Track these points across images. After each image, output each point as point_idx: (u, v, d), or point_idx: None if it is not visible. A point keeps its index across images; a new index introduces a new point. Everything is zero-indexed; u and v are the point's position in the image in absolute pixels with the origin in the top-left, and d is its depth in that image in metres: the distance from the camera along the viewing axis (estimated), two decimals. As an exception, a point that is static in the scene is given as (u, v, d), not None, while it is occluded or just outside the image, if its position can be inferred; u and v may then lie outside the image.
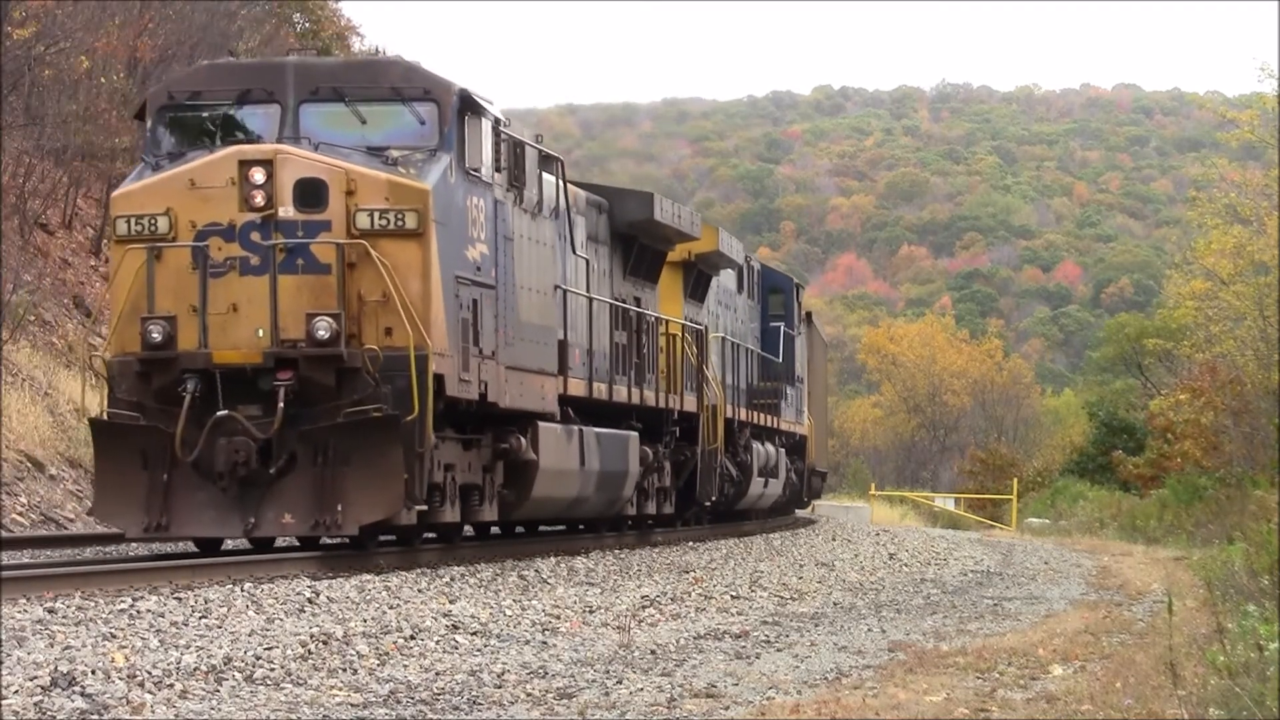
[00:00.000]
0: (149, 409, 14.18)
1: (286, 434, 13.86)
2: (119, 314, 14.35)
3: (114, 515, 14.58)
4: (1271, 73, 31.32)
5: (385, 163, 14.44)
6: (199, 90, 15.01)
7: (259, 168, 14.01)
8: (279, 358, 13.89)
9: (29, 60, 26.35)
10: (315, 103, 14.69)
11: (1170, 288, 40.30)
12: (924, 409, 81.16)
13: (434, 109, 14.76)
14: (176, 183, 14.24)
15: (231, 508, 14.02)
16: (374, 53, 49.34)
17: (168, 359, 14.01)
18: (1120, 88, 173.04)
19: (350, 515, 13.94)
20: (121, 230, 14.40)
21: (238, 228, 14.07)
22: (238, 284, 14.06)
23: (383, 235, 14.04)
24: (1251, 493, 28.21)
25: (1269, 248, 31.44)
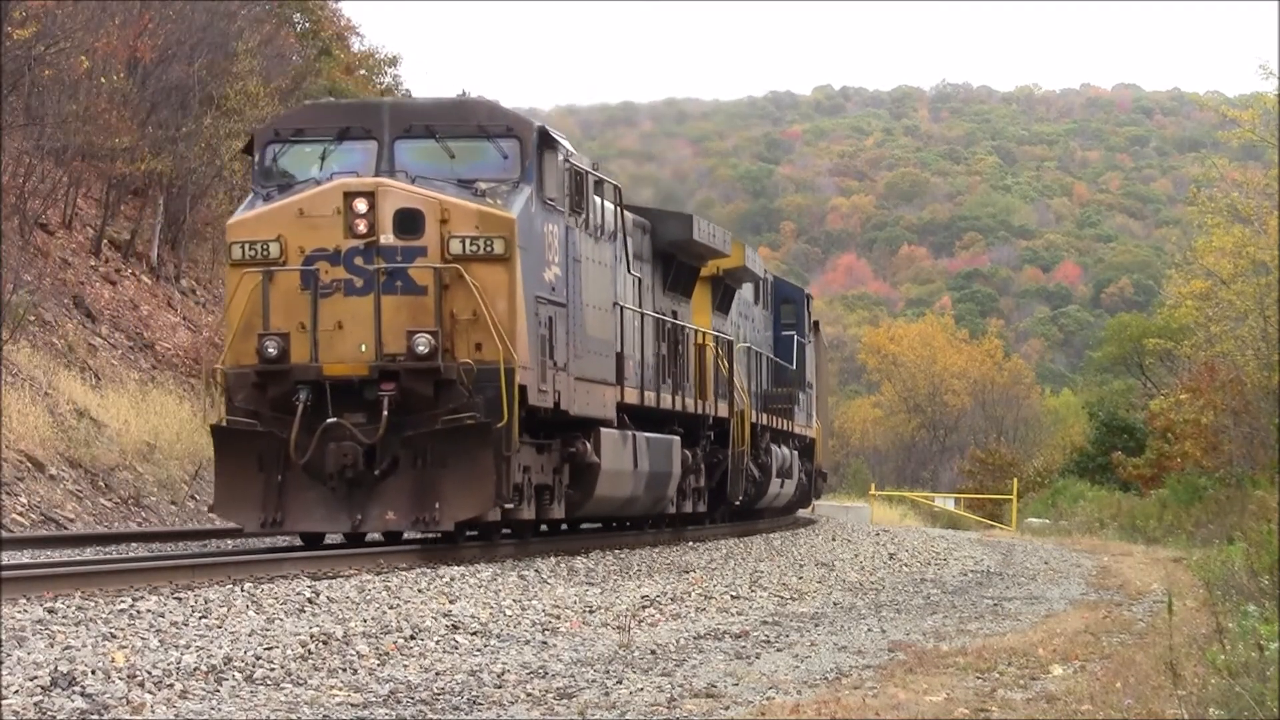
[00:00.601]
0: (264, 416, 15.61)
1: (389, 439, 15.31)
2: (234, 331, 15.84)
3: (233, 512, 16.05)
4: (1272, 72, 31.34)
5: (474, 194, 15.93)
6: (303, 128, 16.57)
7: (362, 199, 15.47)
8: (383, 371, 15.37)
9: (29, 60, 26.34)
10: (409, 139, 16.16)
11: (1170, 288, 40.26)
12: (924, 409, 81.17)
13: (516, 145, 16.29)
14: (287, 212, 15.72)
15: (340, 506, 15.46)
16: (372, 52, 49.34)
17: (282, 371, 15.46)
18: (1120, 88, 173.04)
19: (447, 512, 15.41)
20: (236, 255, 15.84)
21: (343, 253, 15.56)
22: (343, 304, 15.52)
23: (473, 260, 15.55)
24: (1251, 493, 28.22)
25: (1269, 247, 31.44)
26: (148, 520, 21.67)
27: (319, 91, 40.83)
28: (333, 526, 15.89)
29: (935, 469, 78.45)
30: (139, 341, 28.20)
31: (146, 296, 30.35)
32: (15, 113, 27.08)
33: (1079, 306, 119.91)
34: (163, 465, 23.69)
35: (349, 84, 43.15)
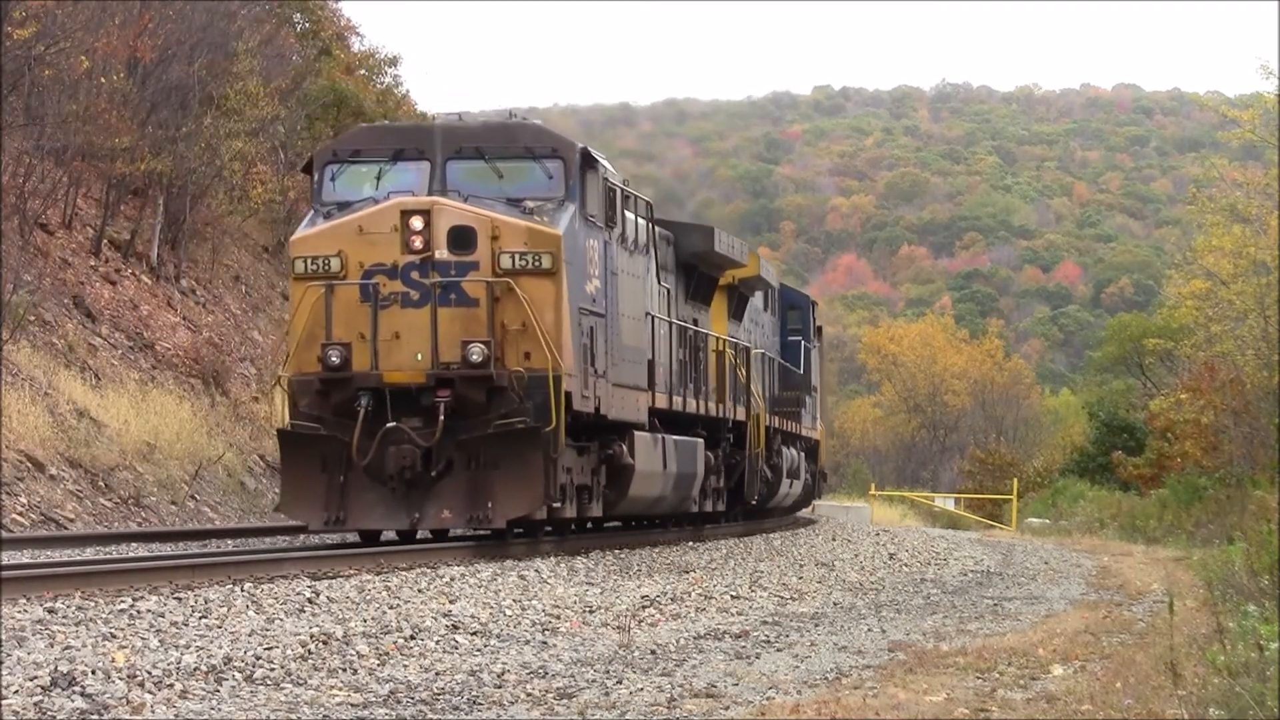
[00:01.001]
0: (327, 421, 16.54)
1: (445, 443, 16.28)
2: (298, 340, 16.83)
3: (298, 511, 17.00)
4: (1272, 72, 31.31)
5: (523, 212, 16.93)
6: (359, 149, 17.55)
7: (418, 216, 16.45)
8: (439, 378, 16.32)
9: (29, 60, 26.33)
10: (459, 160, 17.16)
11: (1170, 287, 40.26)
12: (924, 409, 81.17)
13: (560, 165, 17.32)
14: (347, 229, 16.70)
15: (399, 505, 16.45)
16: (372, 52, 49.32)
17: (345, 379, 16.40)
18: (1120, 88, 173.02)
19: (499, 511, 16.43)
20: (299, 269, 16.83)
21: (400, 267, 16.53)
22: (400, 315, 16.51)
23: (522, 273, 16.55)
24: (1251, 493, 28.21)
25: (1269, 247, 31.42)
26: (148, 520, 21.67)
27: (319, 91, 40.86)
28: (392, 524, 16.90)
29: (935, 469, 78.43)
30: (139, 341, 28.20)
31: (146, 296, 30.34)
32: (15, 113, 27.07)
33: (1079, 306, 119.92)
34: (163, 465, 23.69)
35: (349, 84, 43.15)
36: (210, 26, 32.73)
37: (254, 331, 34.44)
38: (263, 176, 37.81)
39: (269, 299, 37.58)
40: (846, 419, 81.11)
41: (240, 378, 30.44)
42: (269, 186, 38.55)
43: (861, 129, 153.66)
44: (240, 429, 28.12)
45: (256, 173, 37.25)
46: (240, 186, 36.54)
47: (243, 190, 36.84)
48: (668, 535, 22.51)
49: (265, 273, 39.17)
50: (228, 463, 25.91)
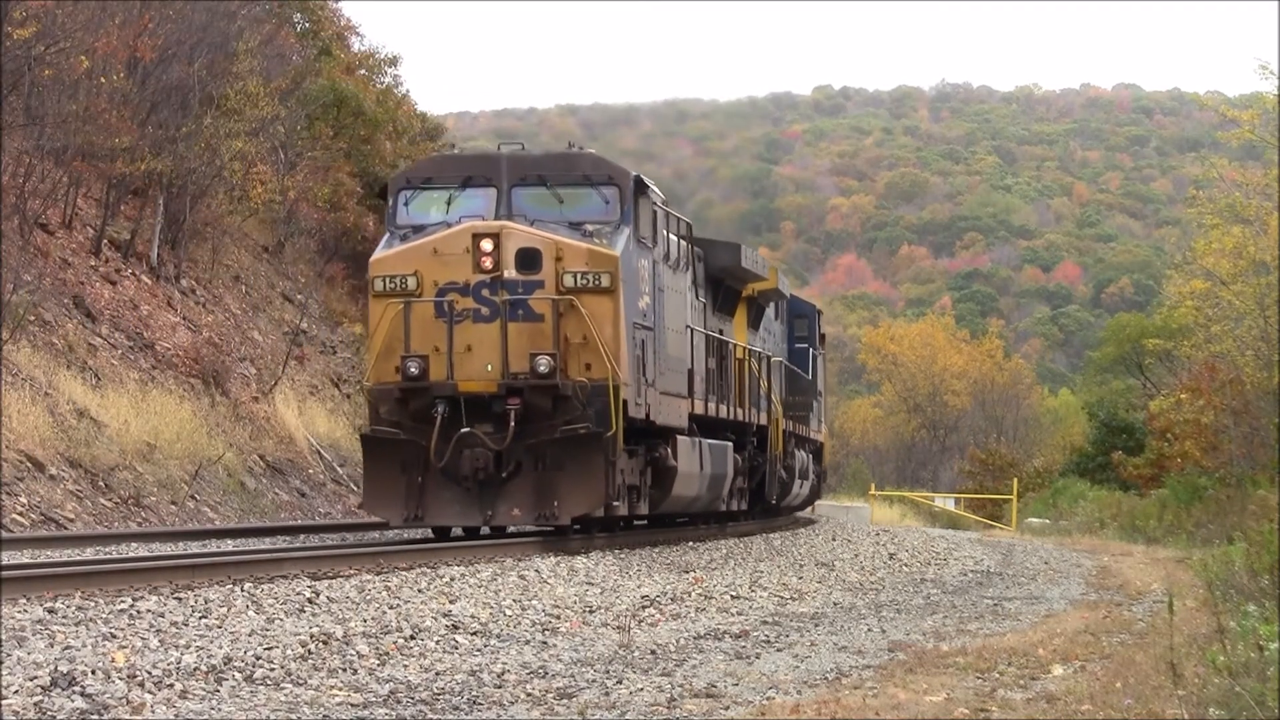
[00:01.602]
0: (406, 426, 17.92)
1: (515, 446, 17.69)
2: (377, 352, 18.24)
3: (379, 508, 18.45)
4: (1272, 72, 31.30)
5: (583, 235, 18.31)
6: (431, 176, 18.98)
7: (488, 239, 17.84)
8: (509, 387, 17.71)
9: (29, 60, 26.32)
10: (524, 186, 18.53)
11: (1170, 288, 40.22)
12: (924, 409, 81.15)
13: (616, 191, 18.71)
14: (422, 251, 18.09)
15: (472, 503, 17.85)
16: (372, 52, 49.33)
17: (422, 388, 17.77)
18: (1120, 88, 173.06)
19: (564, 509, 17.82)
20: (378, 287, 18.21)
21: (471, 286, 17.92)
22: (472, 330, 17.88)
23: (583, 291, 17.95)
24: (1252, 493, 28.20)
25: (1269, 248, 31.42)
26: (148, 520, 21.66)
27: (319, 91, 40.86)
28: (466, 521, 18.26)
29: (935, 469, 78.40)
30: (139, 341, 28.19)
31: (146, 296, 30.34)
32: (15, 113, 27.06)
33: (1079, 306, 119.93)
34: (163, 465, 23.69)
35: (349, 84, 43.16)
36: (210, 26, 32.72)
37: (254, 331, 34.44)
38: (263, 176, 37.81)
39: (269, 299, 37.58)
40: (846, 419, 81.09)
41: (240, 378, 30.44)
42: (269, 186, 38.54)
43: (861, 129, 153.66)
44: (240, 429, 28.12)
45: (256, 173, 37.25)
46: (240, 186, 36.53)
47: (243, 190, 36.83)
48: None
49: (265, 273, 39.16)
50: (228, 463, 25.91)
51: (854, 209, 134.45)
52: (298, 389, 32.75)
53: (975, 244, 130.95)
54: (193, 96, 31.73)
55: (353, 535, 21.74)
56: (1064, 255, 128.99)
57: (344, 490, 30.16)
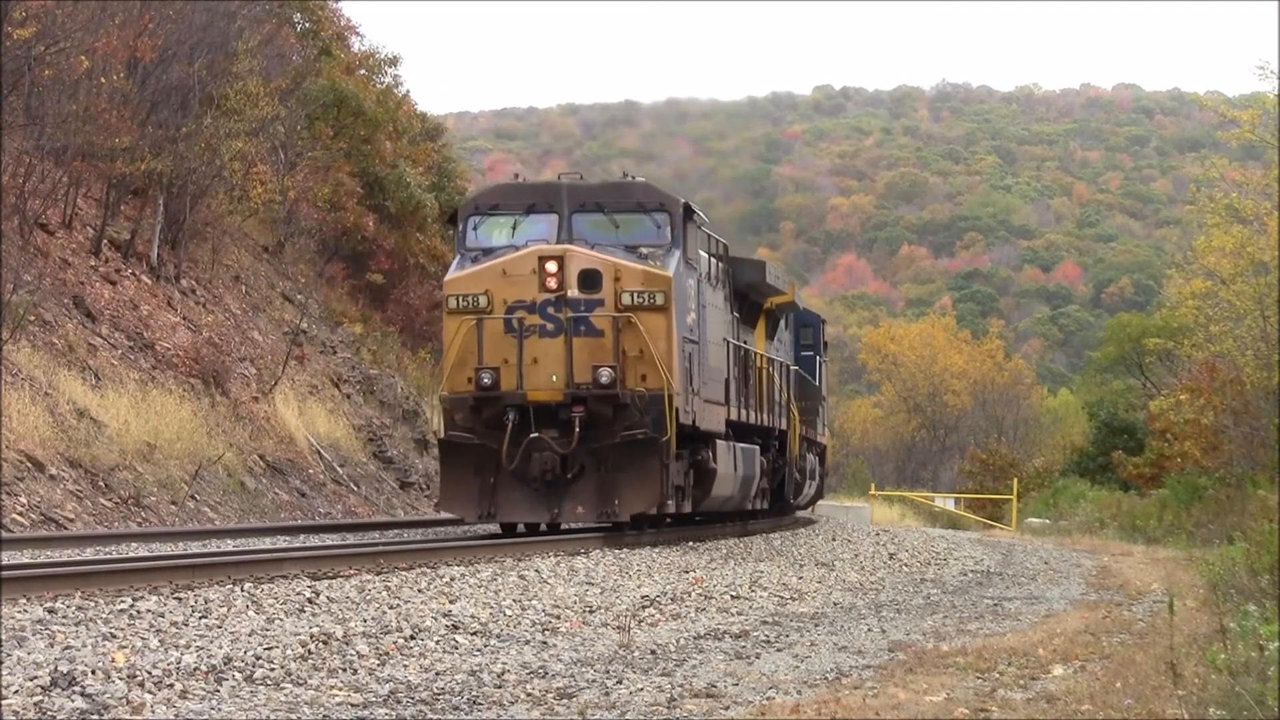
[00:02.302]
0: (479, 432, 19.49)
1: (579, 450, 19.30)
2: (451, 364, 19.74)
3: (455, 507, 20.01)
4: (1271, 72, 31.31)
5: (638, 257, 19.91)
6: (497, 203, 20.56)
7: (553, 261, 19.47)
8: (574, 396, 19.31)
9: (29, 60, 26.31)
10: (583, 213, 20.12)
11: (1170, 287, 40.24)
12: (924, 409, 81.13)
13: (667, 217, 20.35)
14: (492, 272, 19.69)
15: (540, 502, 19.45)
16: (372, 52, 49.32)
17: (494, 397, 19.36)
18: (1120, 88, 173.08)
19: (624, 507, 19.45)
20: (452, 305, 19.78)
21: (537, 304, 19.52)
22: (538, 344, 19.46)
23: (640, 309, 19.53)
24: (1252, 493, 28.20)
25: (1269, 247, 31.41)
26: (148, 520, 21.66)
27: (319, 91, 40.85)
28: (534, 518, 19.78)
29: (935, 469, 78.39)
30: (139, 341, 28.19)
31: (146, 296, 30.34)
32: (15, 113, 27.05)
33: (1079, 306, 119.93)
34: (163, 465, 23.68)
35: (349, 84, 43.15)
36: (210, 26, 32.71)
37: (254, 331, 34.44)
38: (263, 176, 37.80)
39: (269, 299, 37.58)
40: (846, 419, 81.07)
41: (240, 378, 30.43)
42: (269, 186, 38.53)
43: (861, 129, 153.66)
44: (240, 429, 28.11)
45: (256, 173, 37.25)
46: (240, 186, 36.53)
47: (243, 190, 36.82)
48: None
49: (265, 273, 39.16)
50: (228, 463, 25.90)
51: (854, 209, 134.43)
52: (298, 389, 32.75)
53: (975, 244, 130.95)
54: (193, 96, 31.72)
55: (353, 535, 21.75)
56: (1064, 255, 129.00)
57: (344, 490, 30.17)
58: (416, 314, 45.92)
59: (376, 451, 34.52)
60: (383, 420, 36.63)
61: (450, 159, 55.11)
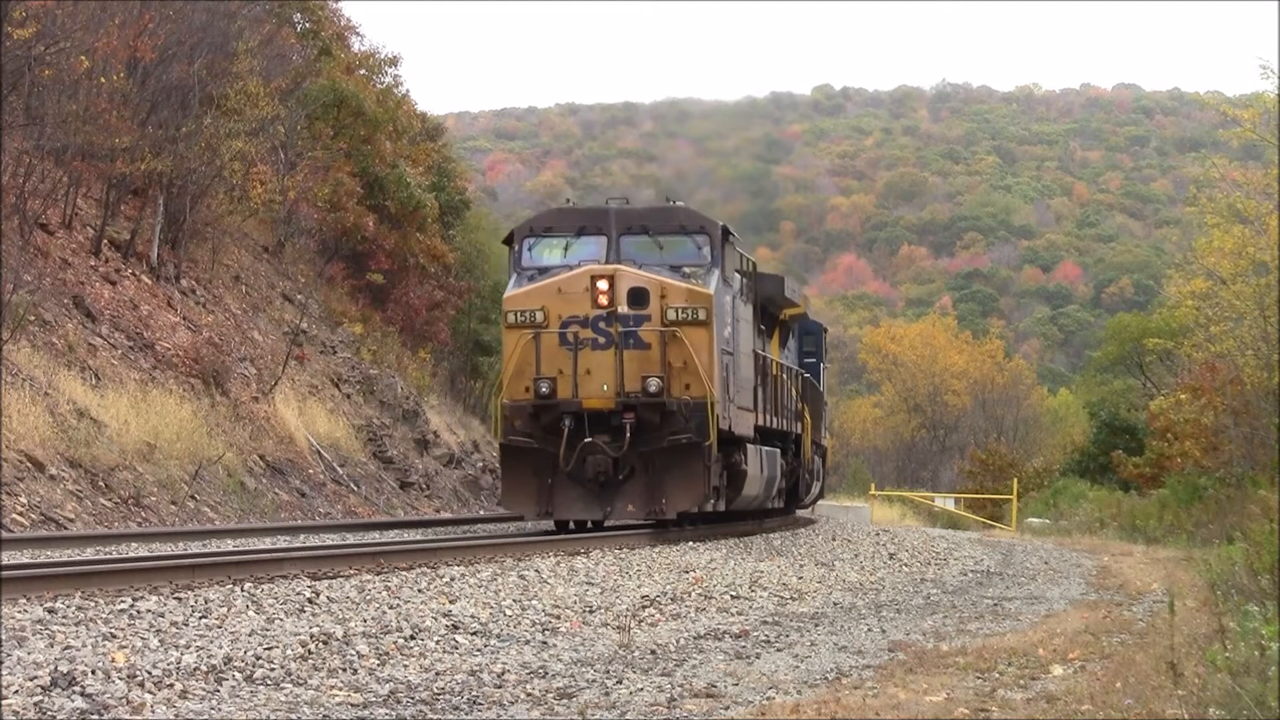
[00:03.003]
0: (537, 437, 20.96)
1: (629, 454, 20.87)
2: (510, 374, 21.18)
3: (516, 505, 21.67)
4: (1272, 71, 31.29)
5: (682, 276, 21.42)
6: (550, 226, 22.07)
7: (604, 279, 20.96)
8: (625, 404, 20.86)
9: (29, 60, 26.31)
10: (630, 235, 21.68)
11: (1170, 287, 40.21)
12: (924, 409, 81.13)
13: (706, 239, 21.92)
14: (548, 289, 21.17)
15: (594, 501, 21.05)
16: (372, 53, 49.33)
17: (552, 404, 20.89)
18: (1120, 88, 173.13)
19: (671, 505, 21.09)
20: (511, 320, 21.26)
21: (590, 319, 21.02)
22: (591, 356, 20.97)
23: (684, 324, 21.04)
24: (1252, 493, 28.19)
25: (1269, 247, 31.41)
26: (148, 520, 21.65)
27: (319, 91, 40.85)
28: (588, 515, 21.41)
29: (935, 469, 78.38)
30: (139, 341, 28.18)
31: (146, 296, 30.34)
32: (15, 113, 27.04)
33: (1079, 306, 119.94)
34: (163, 465, 23.68)
35: (349, 84, 43.14)
36: (210, 26, 32.71)
37: (254, 331, 34.44)
38: (263, 176, 37.81)
39: (269, 299, 37.58)
40: (846, 419, 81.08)
41: (240, 378, 30.43)
42: (269, 186, 38.54)
43: (861, 129, 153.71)
44: (240, 429, 28.11)
45: (256, 173, 37.26)
46: (240, 186, 36.53)
47: (243, 190, 36.83)
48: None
49: (265, 273, 39.16)
50: (228, 463, 25.90)
51: (854, 209, 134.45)
52: (298, 389, 32.75)
53: (975, 244, 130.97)
54: (193, 96, 31.72)
55: (353, 535, 21.75)
56: (1064, 255, 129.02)
57: (344, 490, 30.17)
58: (416, 314, 45.93)
59: (376, 451, 34.52)
60: (383, 420, 36.63)
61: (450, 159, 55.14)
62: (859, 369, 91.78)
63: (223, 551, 16.85)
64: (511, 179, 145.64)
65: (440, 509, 34.31)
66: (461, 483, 39.66)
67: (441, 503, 35.54)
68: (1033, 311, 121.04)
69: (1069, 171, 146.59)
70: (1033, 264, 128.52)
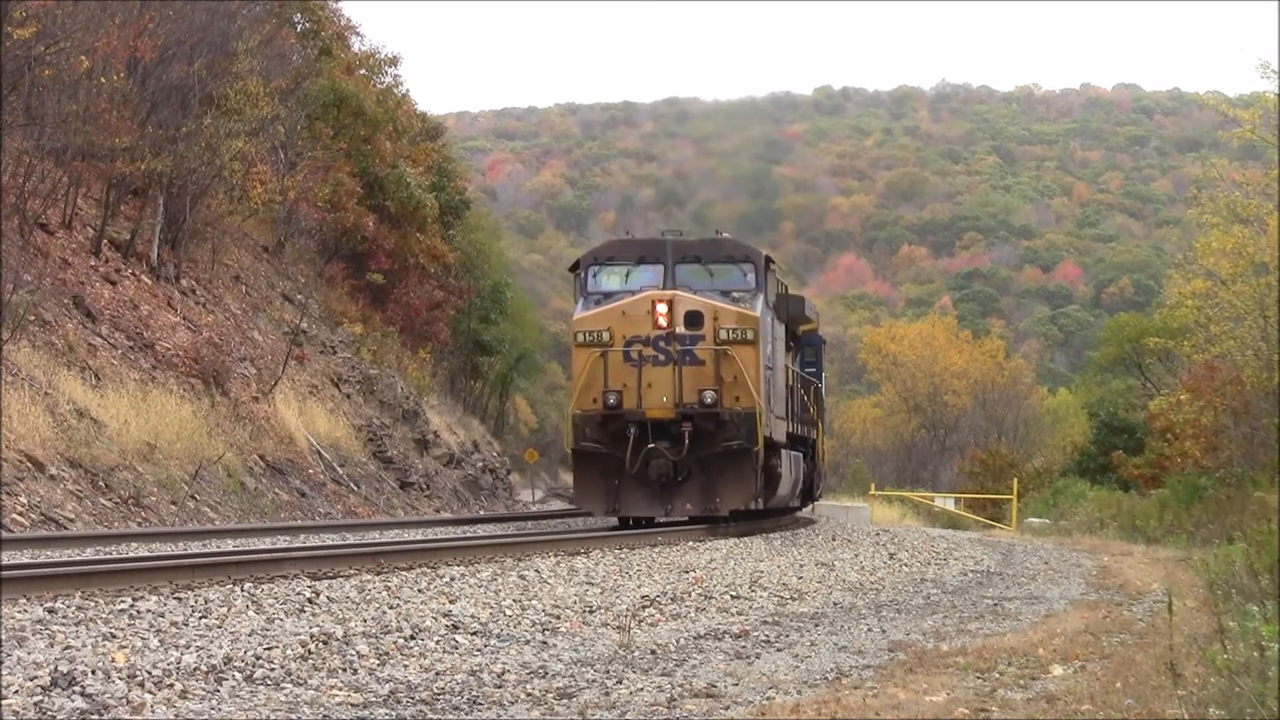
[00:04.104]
0: (605, 443, 23.12)
1: (688, 458, 23.08)
2: (580, 388, 23.33)
3: (588, 503, 23.92)
4: (1272, 71, 31.30)
5: (731, 300, 23.67)
6: (613, 256, 24.40)
7: (664, 303, 23.14)
8: (683, 414, 23.01)
9: (29, 60, 26.31)
10: (684, 264, 23.90)
11: (1170, 288, 40.21)
12: (924, 409, 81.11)
13: (751, 267, 24.18)
14: (613, 312, 23.36)
15: (656, 499, 23.30)
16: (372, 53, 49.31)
17: (619, 414, 23.05)
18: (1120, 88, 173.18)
19: (724, 503, 23.40)
20: (580, 340, 23.36)
21: (650, 339, 23.15)
22: (652, 371, 23.15)
23: (734, 343, 23.24)
24: (1252, 493, 28.19)
25: (1269, 248, 31.42)
26: (148, 520, 21.65)
27: (319, 91, 40.85)
28: (651, 513, 23.55)
29: (935, 469, 78.36)
30: (139, 341, 28.19)
31: (146, 296, 30.34)
32: (15, 113, 27.05)
33: (1079, 306, 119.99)
34: (163, 465, 23.68)
35: (349, 84, 43.12)
36: (210, 26, 32.71)
37: (254, 331, 34.44)
38: (263, 176, 37.81)
39: (269, 299, 37.58)
40: (846, 419, 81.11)
41: (240, 378, 30.43)
42: (269, 186, 38.54)
43: (862, 129, 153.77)
44: (240, 429, 28.11)
45: (256, 173, 37.26)
46: (240, 186, 36.53)
47: (243, 190, 36.83)
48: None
49: (265, 273, 39.16)
50: (228, 463, 25.90)
51: (854, 209, 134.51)
52: (298, 389, 32.75)
53: (975, 244, 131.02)
54: (193, 96, 31.72)
55: (353, 535, 21.75)
56: (1064, 255, 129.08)
57: (344, 490, 30.17)
58: (416, 314, 45.92)
59: (376, 451, 34.52)
60: (383, 420, 36.63)
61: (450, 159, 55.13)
62: (859, 369, 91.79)
63: (223, 551, 16.85)
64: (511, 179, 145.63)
65: (440, 509, 34.31)
66: (461, 483, 39.66)
67: (441, 503, 35.55)
68: (1033, 311, 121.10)
69: (1069, 171, 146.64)
70: (1033, 264, 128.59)
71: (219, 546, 18.06)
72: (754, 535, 25.88)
